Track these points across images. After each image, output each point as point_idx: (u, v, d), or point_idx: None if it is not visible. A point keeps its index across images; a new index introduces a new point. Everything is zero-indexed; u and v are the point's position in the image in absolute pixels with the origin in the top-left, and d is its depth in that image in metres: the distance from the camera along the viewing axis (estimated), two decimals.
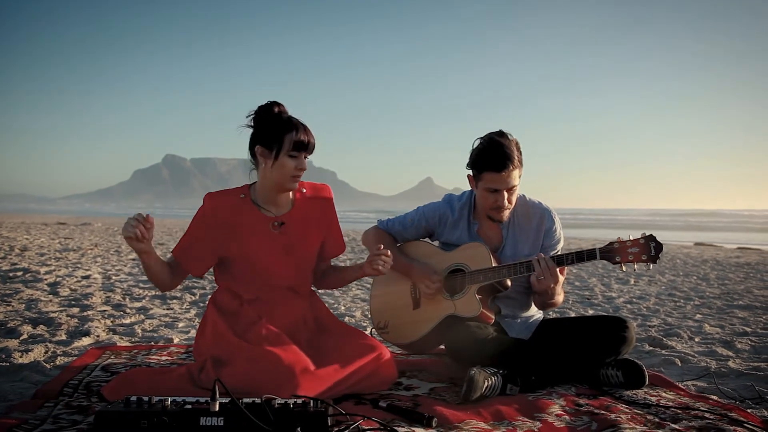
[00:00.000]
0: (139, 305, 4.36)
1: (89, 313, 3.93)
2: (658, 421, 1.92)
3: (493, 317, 2.55)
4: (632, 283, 6.70)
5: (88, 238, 12.54)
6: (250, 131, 2.30)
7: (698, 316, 4.50)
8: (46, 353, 2.83)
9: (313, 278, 2.51)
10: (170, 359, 2.73)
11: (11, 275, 5.73)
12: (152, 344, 3.10)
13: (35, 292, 4.75)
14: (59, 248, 9.38)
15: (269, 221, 2.35)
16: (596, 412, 2.00)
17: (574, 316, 4.21)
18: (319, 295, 2.59)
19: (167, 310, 4.26)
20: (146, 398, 1.69)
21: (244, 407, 1.63)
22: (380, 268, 2.33)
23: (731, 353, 3.14)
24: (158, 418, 1.63)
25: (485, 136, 2.48)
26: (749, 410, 2.07)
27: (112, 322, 3.72)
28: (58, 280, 5.53)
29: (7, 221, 19.44)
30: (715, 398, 2.23)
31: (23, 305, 4.11)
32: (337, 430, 1.75)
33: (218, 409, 1.65)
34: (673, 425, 1.87)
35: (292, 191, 2.39)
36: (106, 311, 4.05)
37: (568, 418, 1.95)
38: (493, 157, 2.42)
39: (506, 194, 2.47)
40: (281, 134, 2.23)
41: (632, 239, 2.33)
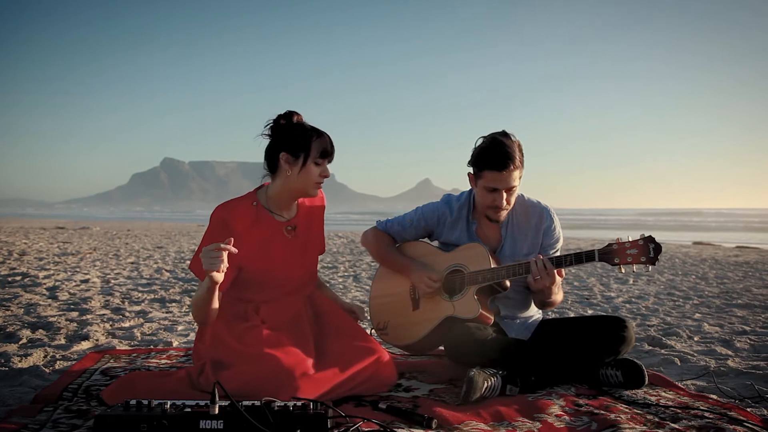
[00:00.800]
0: (138, 309, 4.35)
1: (88, 317, 3.93)
2: (657, 420, 1.92)
3: (492, 318, 2.55)
4: (631, 282, 6.70)
5: (86, 242, 12.54)
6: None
7: (697, 315, 4.51)
8: (45, 357, 2.83)
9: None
10: (169, 363, 2.73)
11: (10, 280, 5.72)
12: (151, 348, 3.10)
13: (34, 296, 4.74)
14: (58, 252, 9.37)
15: (283, 226, 2.39)
16: (596, 412, 2.00)
17: (573, 316, 4.21)
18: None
19: (166, 313, 4.25)
20: (146, 402, 1.69)
21: (243, 410, 1.63)
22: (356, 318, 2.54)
23: (730, 352, 3.14)
24: (158, 421, 1.63)
25: (489, 135, 2.49)
26: (749, 409, 2.08)
27: (111, 325, 3.72)
28: (57, 284, 5.52)
29: (5, 226, 19.42)
30: (714, 397, 2.23)
31: (22, 310, 4.11)
32: None
33: (218, 412, 1.65)
34: (672, 425, 1.87)
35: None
36: (105, 315, 4.05)
37: (567, 418, 1.96)
38: (494, 156, 2.42)
39: (505, 194, 2.48)
40: (308, 142, 2.27)
41: (631, 241, 2.32)
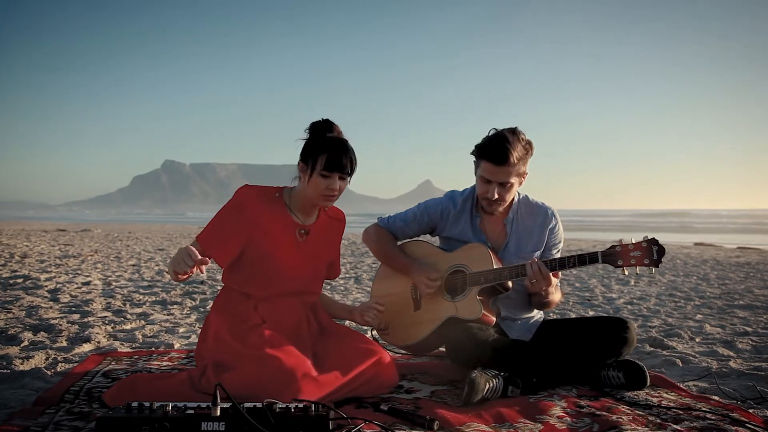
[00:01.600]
0: (139, 311, 4.36)
1: (90, 319, 3.93)
2: (659, 422, 1.92)
3: (494, 319, 2.55)
4: (632, 283, 6.70)
5: (88, 244, 12.55)
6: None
7: (699, 316, 4.51)
8: (46, 360, 2.83)
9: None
10: (171, 365, 2.73)
11: (11, 282, 5.73)
12: (153, 350, 3.10)
13: (36, 298, 4.74)
14: (59, 255, 9.38)
15: (297, 227, 2.39)
16: (598, 413, 2.00)
17: (574, 317, 4.21)
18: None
19: (168, 315, 4.25)
20: (147, 404, 1.69)
21: (245, 412, 1.64)
22: (369, 320, 2.46)
23: (732, 353, 3.14)
24: (159, 423, 1.63)
25: (501, 128, 2.50)
26: (751, 410, 2.07)
27: (112, 328, 3.72)
28: (58, 286, 5.52)
29: (6, 228, 19.44)
30: (716, 399, 2.23)
31: (24, 312, 4.11)
32: None
33: (219, 413, 1.65)
34: (674, 426, 1.87)
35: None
36: (106, 317, 4.05)
37: (569, 419, 1.95)
38: (493, 148, 2.44)
39: (497, 188, 2.48)
40: (315, 153, 2.25)
41: (634, 243, 2.31)
